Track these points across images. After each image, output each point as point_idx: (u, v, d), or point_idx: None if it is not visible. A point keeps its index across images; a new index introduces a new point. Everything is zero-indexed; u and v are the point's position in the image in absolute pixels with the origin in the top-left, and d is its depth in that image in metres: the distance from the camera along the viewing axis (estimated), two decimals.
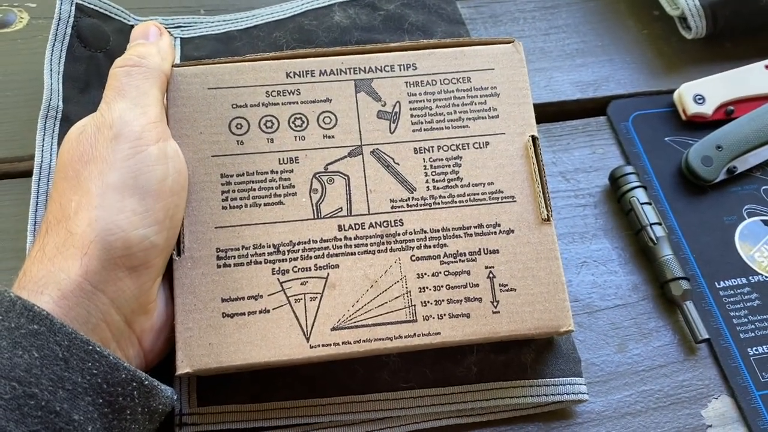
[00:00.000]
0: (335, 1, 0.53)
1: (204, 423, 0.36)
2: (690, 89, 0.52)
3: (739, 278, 0.46)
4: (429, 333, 0.35)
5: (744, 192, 0.50)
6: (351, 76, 0.40)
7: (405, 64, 0.40)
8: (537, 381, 0.40)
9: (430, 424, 0.39)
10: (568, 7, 0.60)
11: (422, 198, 0.38)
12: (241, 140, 0.38)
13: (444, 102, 0.40)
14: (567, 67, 0.56)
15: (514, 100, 0.40)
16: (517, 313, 0.36)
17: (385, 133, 0.39)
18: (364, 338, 0.35)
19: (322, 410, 0.37)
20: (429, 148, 0.39)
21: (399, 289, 0.36)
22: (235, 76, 0.39)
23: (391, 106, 0.39)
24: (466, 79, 0.40)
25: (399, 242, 0.37)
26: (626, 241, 0.48)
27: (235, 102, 0.38)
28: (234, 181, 0.37)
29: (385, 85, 0.40)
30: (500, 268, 0.37)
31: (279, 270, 0.36)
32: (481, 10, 0.58)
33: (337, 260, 0.36)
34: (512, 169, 0.39)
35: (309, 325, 0.35)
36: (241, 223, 0.36)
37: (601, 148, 0.52)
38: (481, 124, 0.40)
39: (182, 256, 0.35)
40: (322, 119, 0.39)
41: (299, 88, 0.39)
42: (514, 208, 0.38)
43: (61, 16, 0.47)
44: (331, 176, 0.38)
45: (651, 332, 0.44)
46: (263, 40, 0.51)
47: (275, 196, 0.37)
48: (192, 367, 0.34)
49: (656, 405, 0.41)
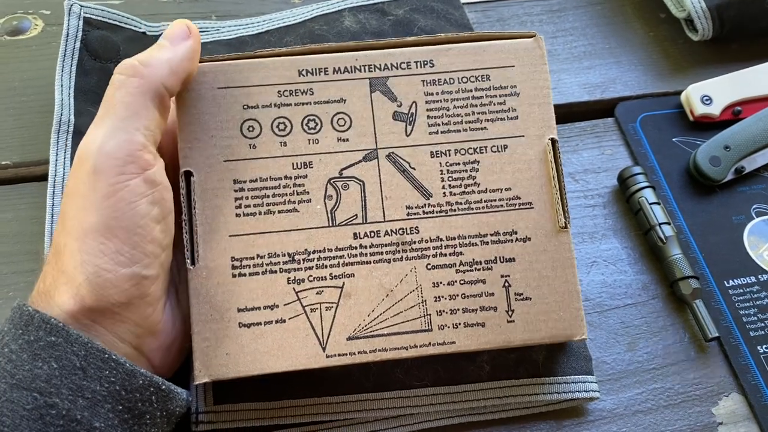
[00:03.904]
0: (345, 6, 0.54)
1: (220, 421, 0.37)
2: (697, 90, 0.53)
3: (748, 277, 0.47)
4: (444, 342, 0.36)
5: (752, 191, 0.50)
6: (366, 74, 0.38)
7: (422, 61, 0.39)
8: (549, 379, 0.40)
9: (444, 422, 0.39)
10: (575, 10, 0.60)
11: (438, 204, 0.37)
12: (253, 144, 0.37)
13: (462, 102, 0.39)
14: (575, 69, 0.56)
15: (534, 100, 0.39)
16: (531, 323, 0.36)
17: (401, 136, 0.38)
18: (380, 348, 0.35)
19: (336, 408, 0.38)
20: (446, 152, 0.38)
21: (414, 299, 0.36)
22: (245, 74, 0.37)
23: (407, 107, 0.38)
24: (485, 77, 0.39)
25: (414, 250, 0.37)
26: (635, 241, 0.48)
27: (246, 103, 0.37)
28: (247, 188, 0.36)
29: (401, 84, 0.38)
30: (516, 276, 0.37)
31: (294, 279, 0.36)
32: (489, 14, 0.59)
33: (352, 269, 0.36)
34: (530, 174, 0.38)
35: (325, 334, 0.35)
36: (256, 232, 0.36)
37: (610, 149, 0.52)
38: (500, 126, 0.39)
39: (197, 266, 0.35)
40: (336, 121, 0.38)
41: (312, 87, 0.38)
42: (531, 215, 0.38)
43: (69, 32, 0.48)
44: (346, 182, 0.37)
45: (661, 331, 0.44)
46: (274, 45, 0.51)
47: (289, 203, 0.37)
48: (210, 376, 0.34)
49: (667, 403, 0.42)
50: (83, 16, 0.49)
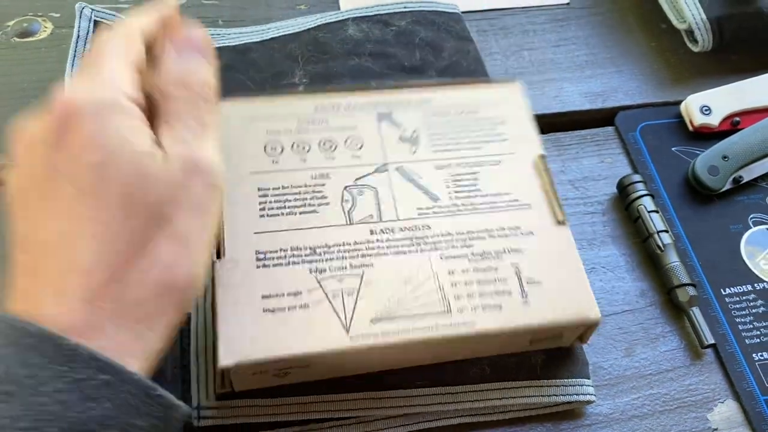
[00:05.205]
0: (349, 16, 0.55)
1: (222, 417, 0.37)
2: (697, 100, 0.54)
3: (745, 285, 0.47)
4: (465, 323, 0.36)
5: (749, 201, 0.51)
6: (373, 109, 0.44)
7: (421, 99, 0.45)
8: (546, 381, 0.41)
9: (444, 422, 0.40)
10: (577, 20, 0.61)
11: (446, 206, 0.40)
12: (276, 160, 0.40)
13: (458, 128, 0.44)
14: (576, 78, 0.57)
15: (519, 128, 0.44)
16: (546, 304, 0.38)
17: (407, 154, 0.42)
18: (403, 329, 0.36)
19: (339, 406, 0.38)
20: (448, 165, 0.42)
21: (432, 284, 0.37)
22: (269, 109, 0.42)
23: (411, 132, 0.43)
24: (475, 111, 0.45)
25: (428, 243, 0.39)
26: (634, 248, 0.49)
27: (269, 129, 0.42)
28: (270, 194, 0.39)
29: (404, 116, 0.44)
30: (525, 264, 0.39)
31: (316, 269, 0.37)
32: (493, 23, 0.60)
33: (371, 260, 0.38)
34: (525, 182, 0.42)
35: (348, 318, 0.36)
36: (279, 229, 0.38)
37: (610, 158, 0.53)
38: (493, 146, 0.43)
39: (222, 259, 0.37)
40: (350, 142, 0.42)
41: (327, 118, 0.43)
42: (531, 213, 0.41)
43: (80, 34, 0.48)
44: (361, 189, 0.40)
45: (658, 337, 0.45)
46: (279, 51, 0.52)
47: (309, 206, 0.39)
48: (234, 360, 0.34)
49: (663, 408, 0.42)
50: (93, 18, 0.49)
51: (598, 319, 0.38)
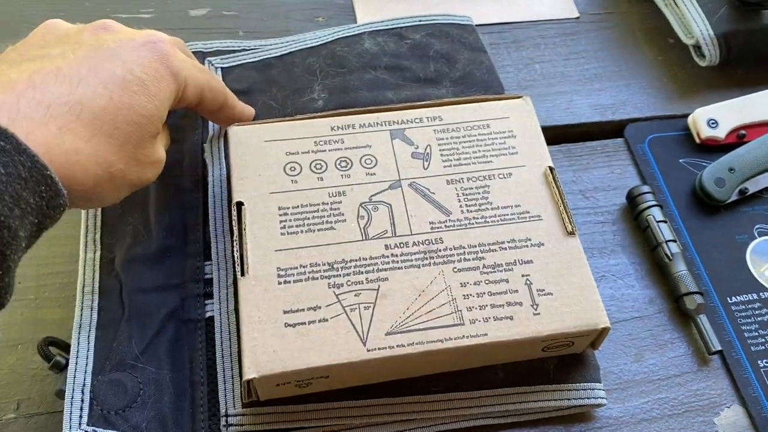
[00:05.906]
0: (365, 30, 0.56)
1: (249, 424, 0.39)
2: (704, 114, 0.55)
3: (750, 294, 0.49)
4: (477, 335, 0.38)
5: (755, 212, 0.52)
6: (386, 127, 0.45)
7: (432, 116, 0.46)
8: (559, 386, 0.42)
9: (459, 425, 0.41)
10: (587, 34, 0.62)
11: (458, 220, 0.42)
12: (294, 179, 0.42)
13: (469, 143, 0.45)
14: (586, 91, 0.58)
15: (528, 141, 0.46)
16: (556, 314, 0.39)
17: (419, 170, 0.44)
18: (417, 341, 0.37)
19: (359, 411, 0.40)
20: (459, 179, 0.43)
21: (445, 297, 0.39)
22: (287, 131, 0.44)
23: (423, 148, 0.45)
24: (485, 126, 0.46)
25: (441, 257, 0.40)
26: (643, 257, 0.50)
27: (288, 150, 0.43)
28: (290, 212, 0.41)
29: (416, 133, 0.45)
30: (535, 275, 0.40)
31: (334, 284, 0.38)
32: (504, 36, 0.61)
33: (386, 274, 0.39)
34: (535, 193, 0.43)
35: (365, 330, 0.37)
36: (298, 246, 0.40)
37: (619, 168, 0.54)
38: (503, 160, 0.45)
39: (246, 276, 0.38)
40: (364, 161, 0.44)
41: (342, 138, 0.44)
42: (541, 225, 0.42)
43: None
44: (376, 205, 0.42)
45: (666, 343, 0.46)
46: (298, 66, 0.53)
47: (327, 223, 0.41)
48: (258, 372, 0.36)
49: (671, 412, 0.44)
50: None
51: (607, 328, 0.39)
